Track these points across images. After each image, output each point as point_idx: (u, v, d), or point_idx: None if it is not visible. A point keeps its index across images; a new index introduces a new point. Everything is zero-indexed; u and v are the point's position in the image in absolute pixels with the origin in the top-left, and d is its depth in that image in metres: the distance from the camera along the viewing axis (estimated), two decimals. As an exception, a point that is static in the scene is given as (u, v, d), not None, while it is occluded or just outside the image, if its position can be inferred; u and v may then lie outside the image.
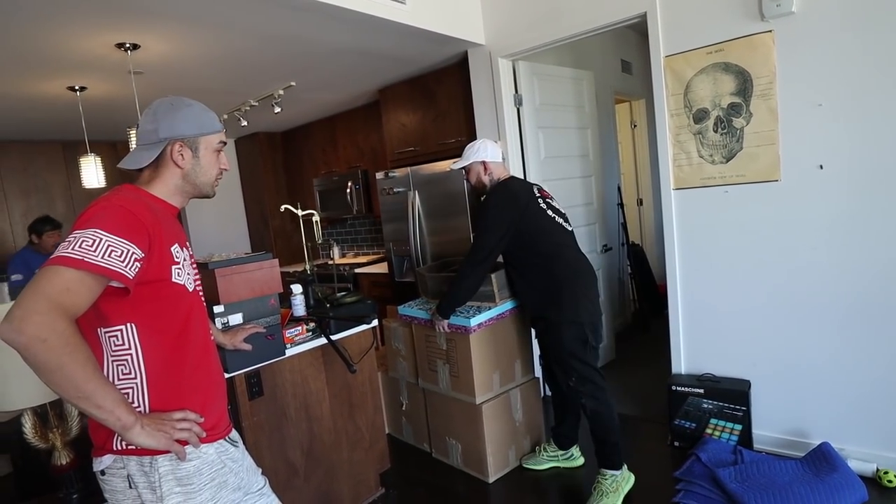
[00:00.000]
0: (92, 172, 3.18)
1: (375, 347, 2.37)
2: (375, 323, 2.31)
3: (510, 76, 3.14)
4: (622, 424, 2.22)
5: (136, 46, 2.55)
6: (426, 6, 2.75)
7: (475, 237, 2.23)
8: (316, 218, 2.67)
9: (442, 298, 2.32)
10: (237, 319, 1.78)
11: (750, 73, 2.25)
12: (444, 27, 2.88)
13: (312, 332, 2.09)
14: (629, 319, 4.53)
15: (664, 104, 2.50)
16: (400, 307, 2.68)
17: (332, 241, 5.40)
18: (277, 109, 3.40)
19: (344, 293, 2.37)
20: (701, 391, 2.47)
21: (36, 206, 4.38)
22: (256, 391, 1.90)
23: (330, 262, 4.78)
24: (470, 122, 3.37)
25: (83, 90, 3.12)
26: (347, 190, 4.57)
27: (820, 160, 2.14)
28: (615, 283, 4.12)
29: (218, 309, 1.72)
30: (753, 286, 2.38)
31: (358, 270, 4.42)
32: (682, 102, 2.45)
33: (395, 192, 3.74)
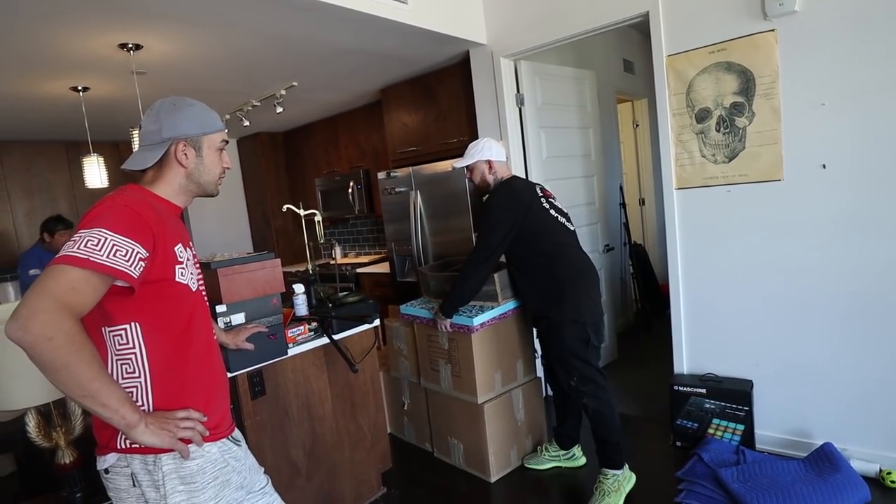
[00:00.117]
0: (95, 172, 3.18)
1: (377, 347, 2.37)
2: (377, 322, 2.31)
3: (512, 76, 3.15)
4: (624, 424, 2.22)
5: (138, 47, 2.56)
6: (428, 6, 2.75)
7: (478, 237, 2.23)
8: (318, 218, 2.68)
9: (445, 298, 2.32)
10: (239, 319, 1.78)
11: (752, 72, 2.24)
12: (445, 27, 2.88)
13: (314, 331, 2.09)
14: (631, 319, 4.53)
15: (666, 104, 2.50)
16: (402, 306, 2.68)
17: (333, 240, 5.41)
18: (279, 109, 3.41)
19: (346, 293, 2.37)
20: (703, 391, 2.47)
21: (39, 205, 4.39)
22: (259, 390, 1.90)
23: (332, 261, 4.79)
24: (472, 121, 3.37)
25: (86, 90, 3.13)
26: (349, 190, 4.58)
27: (823, 160, 2.14)
28: (617, 282, 4.11)
29: (220, 308, 1.72)
30: (756, 286, 2.38)
31: (360, 270, 4.43)
32: (684, 102, 2.45)
33: (396, 191, 3.74)
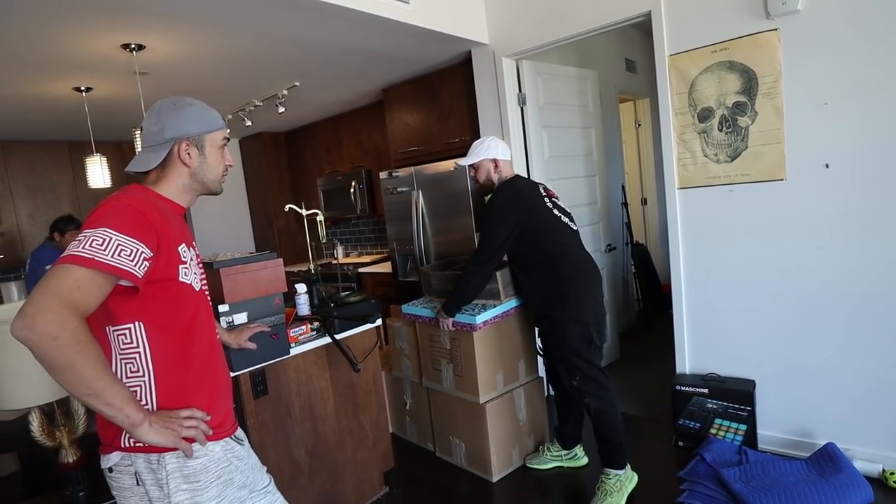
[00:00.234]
0: (98, 172, 3.19)
1: (379, 347, 2.38)
2: (379, 322, 2.32)
3: (514, 75, 3.14)
4: (626, 424, 2.22)
5: (141, 47, 2.57)
6: (430, 6, 2.75)
7: (481, 235, 2.22)
8: (320, 217, 2.68)
9: (448, 297, 2.32)
10: (242, 318, 1.79)
11: (755, 71, 2.24)
12: (447, 27, 2.88)
13: (317, 331, 2.09)
14: (633, 319, 4.52)
15: (668, 103, 2.50)
16: (404, 306, 2.68)
17: (335, 240, 5.42)
18: (281, 109, 3.42)
19: (348, 292, 2.37)
20: (705, 391, 2.47)
21: (42, 205, 4.41)
22: (261, 390, 1.91)
23: (334, 261, 4.80)
24: (473, 121, 3.37)
25: (89, 91, 3.14)
26: (351, 189, 4.58)
27: (826, 159, 2.13)
28: (619, 282, 4.11)
29: (223, 308, 1.73)
30: (758, 286, 2.38)
31: (362, 270, 4.43)
32: (686, 101, 2.45)
33: (398, 191, 3.74)
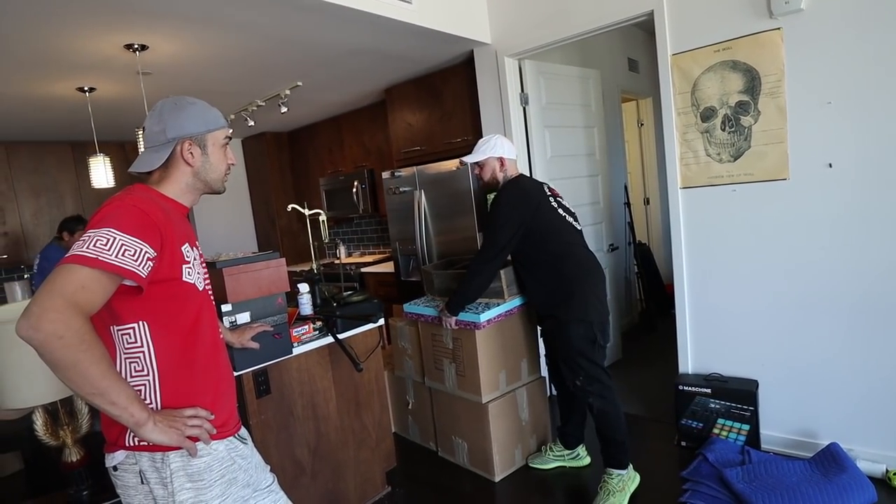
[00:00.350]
0: (101, 172, 3.20)
1: (382, 346, 2.38)
2: (382, 322, 2.32)
3: (516, 75, 3.14)
4: (629, 424, 2.21)
5: (144, 47, 2.57)
6: (432, 5, 2.75)
7: (486, 235, 2.21)
8: (322, 217, 2.68)
9: (452, 295, 2.31)
10: (245, 318, 1.79)
11: (758, 71, 2.23)
12: (450, 26, 2.88)
13: (319, 330, 2.10)
14: (636, 319, 4.52)
15: (671, 103, 2.49)
16: (405, 305, 2.68)
17: (338, 240, 5.42)
18: (284, 109, 3.42)
19: (350, 292, 2.37)
20: (708, 391, 2.46)
21: (46, 205, 4.43)
22: (264, 389, 1.91)
23: (336, 261, 4.80)
24: (476, 121, 3.37)
25: (92, 91, 3.15)
26: (354, 189, 4.58)
27: (829, 159, 2.13)
28: (622, 282, 4.11)
29: (226, 308, 1.73)
30: (761, 285, 2.37)
31: (364, 270, 4.43)
32: (689, 101, 2.44)
33: (401, 191, 3.74)
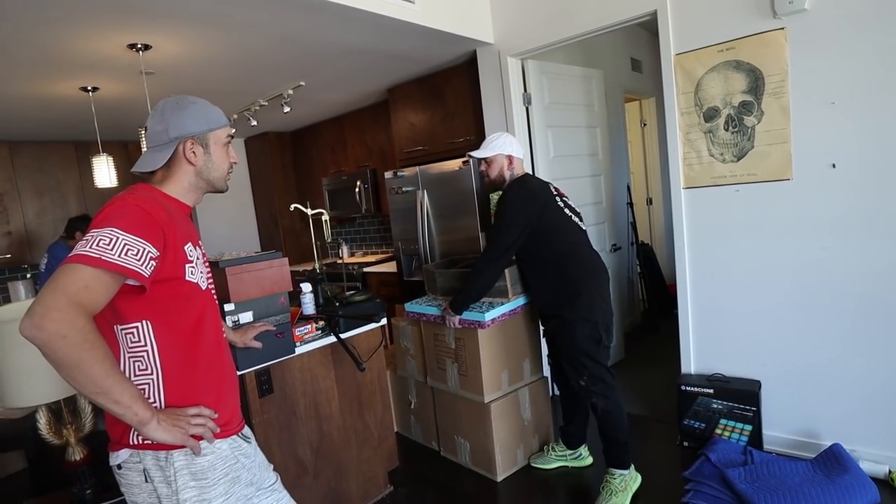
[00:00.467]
0: (104, 172, 3.21)
1: (384, 346, 2.38)
2: (384, 321, 2.32)
3: (519, 75, 3.14)
4: (631, 424, 2.21)
5: (147, 47, 2.58)
6: (435, 5, 2.75)
7: (492, 233, 2.21)
8: (325, 217, 2.69)
9: (456, 294, 2.31)
10: (247, 317, 1.80)
11: (762, 71, 2.23)
12: (452, 26, 2.88)
13: (322, 330, 2.10)
14: (638, 319, 4.51)
15: (674, 102, 2.49)
16: (407, 304, 2.67)
17: (340, 240, 5.43)
18: (287, 109, 3.42)
19: (353, 292, 2.38)
20: (711, 391, 2.46)
21: (49, 205, 4.44)
22: (266, 389, 1.92)
23: (339, 260, 4.81)
24: (479, 121, 3.37)
25: (95, 91, 3.16)
26: (356, 189, 4.59)
27: (832, 159, 2.12)
28: (624, 282, 4.10)
29: (228, 307, 1.74)
30: (764, 286, 2.37)
31: (367, 269, 4.43)
32: (692, 101, 2.44)
33: (403, 191, 3.75)
